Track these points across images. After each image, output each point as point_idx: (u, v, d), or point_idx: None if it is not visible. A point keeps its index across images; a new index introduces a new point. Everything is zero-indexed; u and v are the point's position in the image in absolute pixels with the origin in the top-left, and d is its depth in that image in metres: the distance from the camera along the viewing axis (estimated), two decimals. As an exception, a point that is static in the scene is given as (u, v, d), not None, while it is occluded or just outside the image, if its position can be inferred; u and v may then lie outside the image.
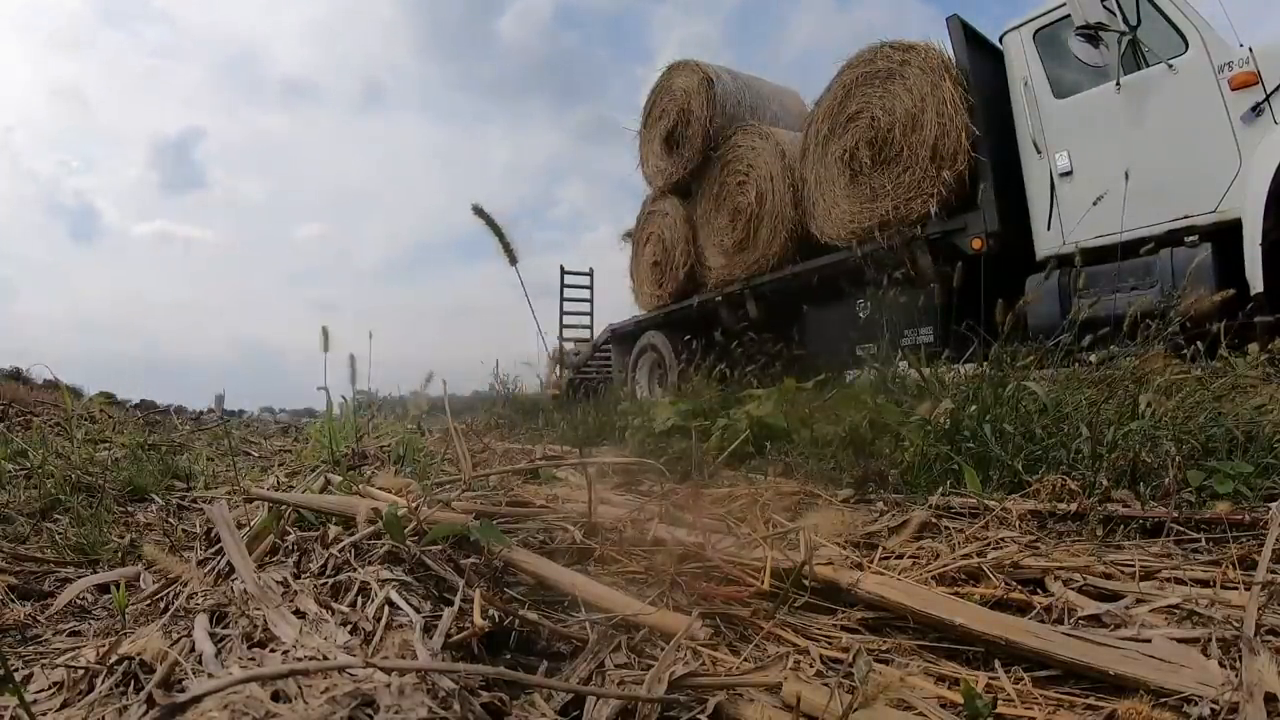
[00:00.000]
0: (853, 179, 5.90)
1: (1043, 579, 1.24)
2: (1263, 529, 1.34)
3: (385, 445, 2.97)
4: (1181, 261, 3.99)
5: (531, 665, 0.95)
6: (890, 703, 0.80)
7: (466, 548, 1.20)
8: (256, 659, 0.84)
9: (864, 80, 5.83)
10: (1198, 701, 0.79)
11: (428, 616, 0.94)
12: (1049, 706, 0.85)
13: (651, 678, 0.80)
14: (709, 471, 2.39)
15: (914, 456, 2.11)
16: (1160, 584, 1.19)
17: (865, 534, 1.59)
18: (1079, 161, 4.64)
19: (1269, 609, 0.99)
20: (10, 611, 1.31)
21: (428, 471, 2.39)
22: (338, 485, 1.70)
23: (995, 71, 5.16)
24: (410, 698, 0.67)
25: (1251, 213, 3.76)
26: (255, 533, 1.33)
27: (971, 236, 5.01)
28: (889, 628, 1.11)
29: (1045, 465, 1.85)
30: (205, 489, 2.60)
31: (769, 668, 0.95)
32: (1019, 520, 1.58)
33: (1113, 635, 0.99)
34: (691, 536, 1.34)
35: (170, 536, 1.88)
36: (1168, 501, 1.52)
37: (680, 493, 1.72)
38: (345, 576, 1.07)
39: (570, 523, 1.42)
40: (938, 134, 5.19)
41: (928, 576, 1.26)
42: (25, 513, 2.04)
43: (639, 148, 8.92)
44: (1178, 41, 4.24)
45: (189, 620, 0.98)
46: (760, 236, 7.00)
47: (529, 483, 2.31)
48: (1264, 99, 3.86)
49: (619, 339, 9.32)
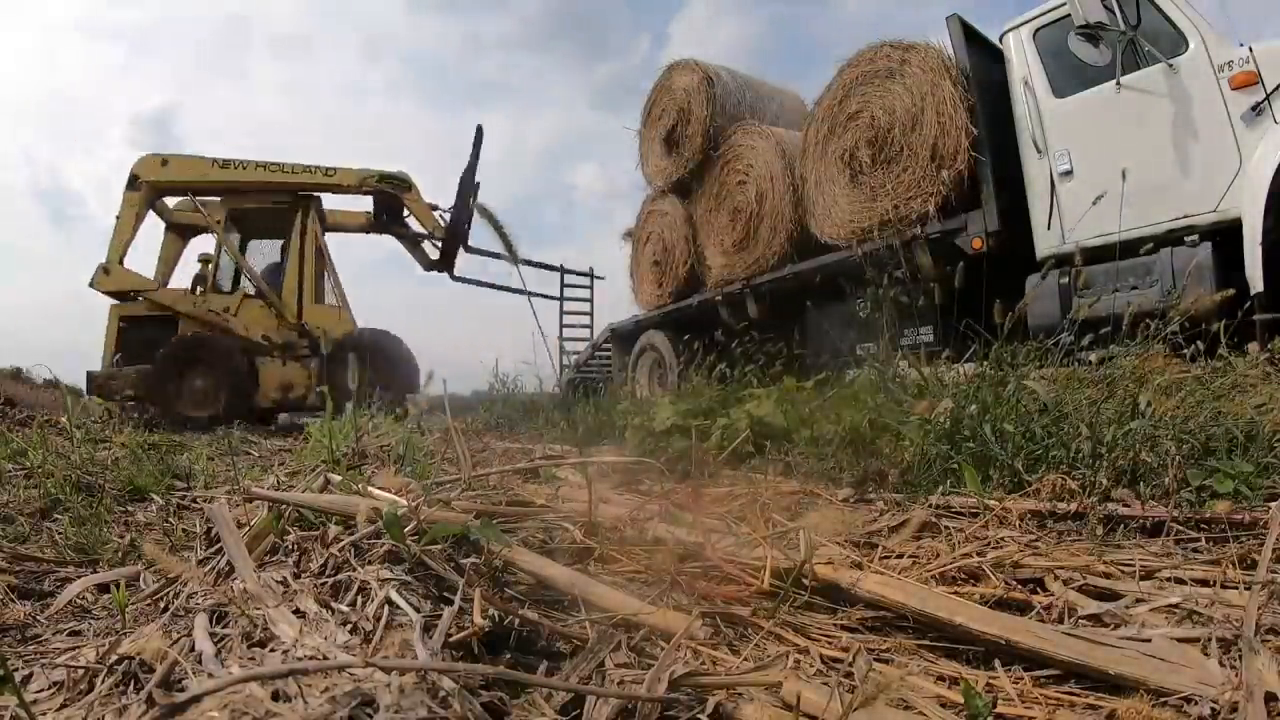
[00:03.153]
0: (853, 178, 5.90)
1: (1043, 578, 1.24)
2: (1263, 529, 1.34)
3: (385, 445, 2.97)
4: (1181, 261, 3.99)
5: (531, 665, 0.95)
6: (890, 702, 0.80)
7: (466, 547, 1.20)
8: (256, 658, 0.84)
9: (864, 79, 5.83)
10: (1198, 701, 0.79)
11: (427, 616, 0.94)
12: (1049, 706, 0.85)
13: (651, 677, 0.80)
14: (709, 471, 2.39)
15: (914, 456, 2.11)
16: (1160, 584, 1.19)
17: (865, 533, 1.59)
18: (1079, 161, 4.64)
19: (1269, 609, 0.99)
20: (10, 611, 1.31)
21: (428, 471, 2.39)
22: (338, 485, 1.70)
23: (995, 71, 5.16)
24: (410, 697, 0.67)
25: (1251, 212, 3.76)
26: (255, 532, 1.33)
27: (971, 236, 5.01)
28: (889, 627, 1.11)
29: (1045, 465, 1.85)
30: (205, 489, 2.61)
31: (769, 667, 0.95)
32: (1019, 520, 1.58)
33: (1113, 635, 0.99)
34: (691, 536, 1.34)
35: (170, 536, 1.88)
36: (1168, 501, 1.52)
37: (680, 492, 1.73)
38: (345, 576, 1.07)
39: (570, 522, 1.42)
40: (938, 133, 5.19)
41: (928, 576, 1.26)
42: (25, 512, 2.04)
43: (639, 147, 8.92)
44: (1178, 41, 4.24)
45: (189, 620, 0.98)
46: (760, 236, 7.00)
47: (529, 482, 2.31)
48: (1264, 99, 3.86)
49: (619, 338, 9.32)
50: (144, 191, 7.91)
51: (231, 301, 8.26)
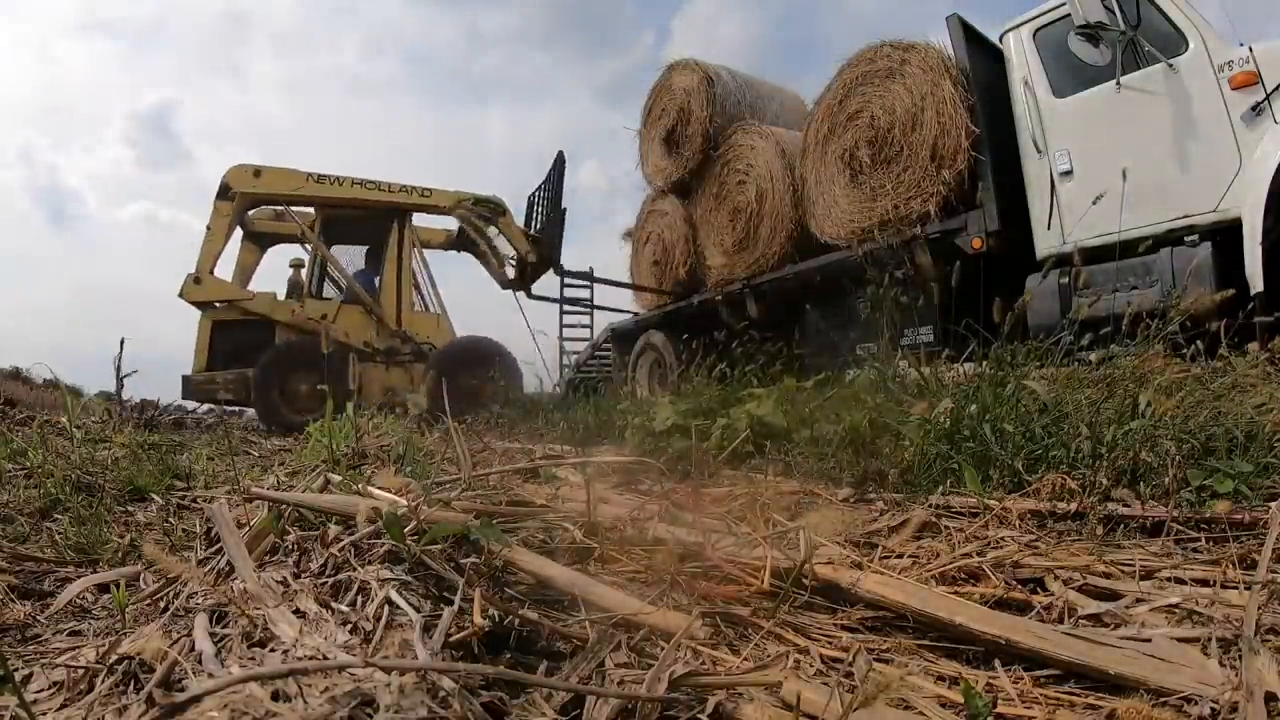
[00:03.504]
0: (853, 178, 5.90)
1: (1043, 578, 1.24)
2: (1263, 529, 1.34)
3: (385, 445, 2.97)
4: (1181, 261, 3.99)
5: (531, 665, 0.95)
6: (890, 702, 0.80)
7: (466, 547, 1.20)
8: (256, 658, 0.84)
9: (864, 79, 5.83)
10: (1198, 701, 0.79)
11: (427, 616, 0.94)
12: (1049, 706, 0.85)
13: (651, 677, 0.80)
14: (709, 471, 2.39)
15: (914, 456, 2.11)
16: (1160, 583, 1.19)
17: (865, 533, 1.59)
18: (1079, 161, 4.64)
19: (1269, 609, 0.99)
20: (10, 611, 1.31)
21: (428, 471, 2.39)
22: (338, 485, 1.70)
23: (995, 71, 5.16)
24: (410, 697, 0.67)
25: (1251, 212, 3.76)
26: (255, 532, 1.32)
27: (971, 236, 5.01)
28: (889, 627, 1.11)
29: (1045, 465, 1.85)
30: (205, 489, 2.60)
31: (769, 667, 0.95)
32: (1019, 519, 1.58)
33: (1113, 635, 0.99)
34: (691, 536, 1.35)
35: (170, 536, 1.88)
36: (1168, 501, 1.52)
37: (680, 492, 1.72)
38: (345, 576, 1.07)
39: (570, 522, 1.42)
40: (937, 133, 5.19)
41: (928, 576, 1.26)
42: (25, 512, 2.04)
43: (639, 147, 8.92)
44: (1178, 41, 4.24)
45: (189, 620, 0.98)
46: (760, 236, 7.00)
47: (529, 482, 2.31)
48: (1264, 99, 3.86)
49: (619, 338, 9.32)
50: (237, 202, 8.01)
51: (329, 308, 8.41)
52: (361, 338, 8.31)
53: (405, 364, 8.53)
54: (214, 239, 7.96)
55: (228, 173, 8.00)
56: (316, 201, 8.39)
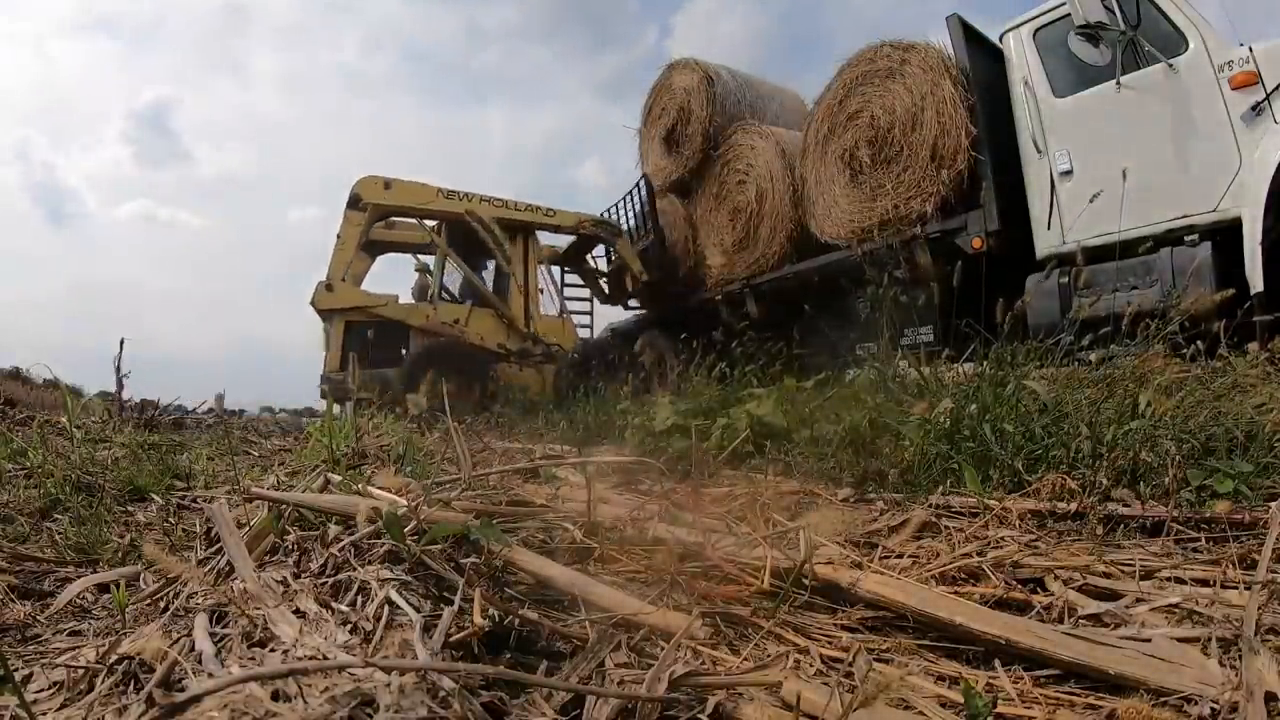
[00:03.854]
0: (853, 178, 5.91)
1: (1043, 578, 1.24)
2: (1263, 529, 1.34)
3: (385, 445, 2.97)
4: (1181, 261, 3.99)
5: (531, 665, 0.95)
6: (890, 702, 0.80)
7: (466, 547, 1.20)
8: (256, 658, 0.84)
9: (864, 79, 5.83)
10: (1198, 701, 0.80)
11: (427, 616, 0.94)
12: (1049, 706, 0.85)
13: (651, 677, 0.80)
14: (709, 471, 2.39)
15: (914, 456, 2.11)
16: (1160, 583, 1.19)
17: (865, 533, 1.59)
18: (1079, 161, 4.64)
19: (1269, 609, 0.99)
20: (10, 611, 1.31)
21: (428, 471, 2.39)
22: (338, 485, 1.70)
23: (995, 71, 5.16)
24: (410, 697, 0.67)
25: (1251, 212, 3.77)
26: (255, 532, 1.32)
27: (971, 235, 5.01)
28: (889, 627, 1.11)
29: (1045, 465, 1.85)
30: (205, 489, 2.60)
31: (769, 667, 0.95)
32: (1019, 519, 1.58)
33: (1113, 635, 0.99)
34: (691, 536, 1.35)
35: (170, 536, 1.88)
36: (1168, 501, 1.52)
37: (680, 492, 1.72)
38: (345, 576, 1.07)
39: (570, 522, 1.42)
40: (937, 133, 5.19)
41: (928, 576, 1.26)
42: (25, 512, 2.04)
43: (639, 146, 8.93)
44: (1178, 41, 4.24)
45: (189, 620, 0.98)
46: (760, 235, 7.01)
47: (529, 482, 2.31)
48: (1264, 98, 3.86)
49: (619, 338, 9.33)
50: (369, 213, 8.18)
51: (461, 312, 8.63)
52: (496, 340, 8.65)
53: (537, 364, 8.90)
54: (345, 247, 8.12)
55: (358, 184, 8.15)
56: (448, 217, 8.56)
